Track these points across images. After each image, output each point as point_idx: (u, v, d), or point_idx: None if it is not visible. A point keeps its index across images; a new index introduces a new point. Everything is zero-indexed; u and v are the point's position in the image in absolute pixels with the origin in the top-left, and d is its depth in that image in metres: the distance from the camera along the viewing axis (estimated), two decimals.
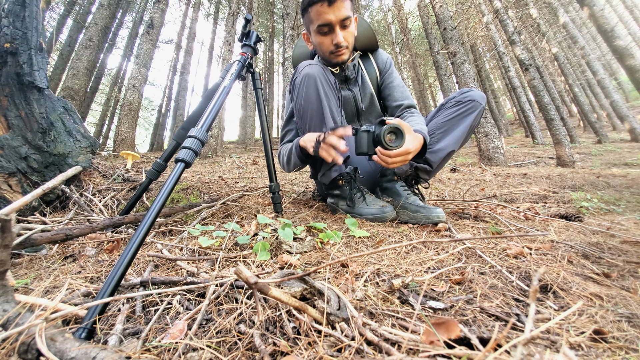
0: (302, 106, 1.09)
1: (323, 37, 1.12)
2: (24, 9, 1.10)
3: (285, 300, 0.37)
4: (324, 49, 1.16)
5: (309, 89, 1.06)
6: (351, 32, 1.14)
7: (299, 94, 1.09)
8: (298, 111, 1.12)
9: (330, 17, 1.05)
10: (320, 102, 1.06)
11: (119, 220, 0.88)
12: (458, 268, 0.63)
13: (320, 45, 1.16)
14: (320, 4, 1.04)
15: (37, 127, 1.11)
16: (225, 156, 5.65)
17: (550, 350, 0.30)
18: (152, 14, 6.49)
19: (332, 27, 1.08)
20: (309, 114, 1.08)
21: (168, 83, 15.12)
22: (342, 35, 1.10)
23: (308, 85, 1.06)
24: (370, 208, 1.08)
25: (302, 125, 1.13)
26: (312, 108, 1.07)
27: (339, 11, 1.05)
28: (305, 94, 1.07)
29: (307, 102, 1.07)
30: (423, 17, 8.30)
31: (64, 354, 0.32)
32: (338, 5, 1.04)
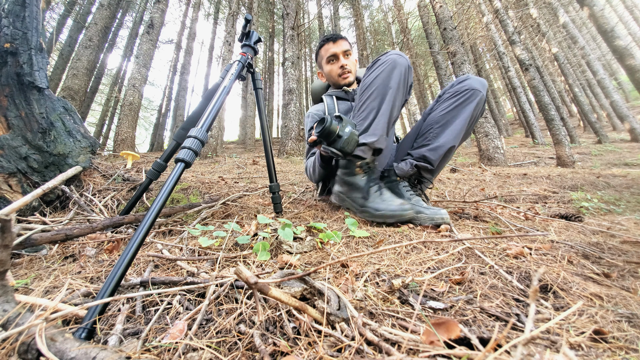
0: (372, 83, 1.11)
1: (332, 65, 1.48)
2: (24, 9, 1.10)
3: (285, 300, 0.37)
4: (333, 74, 1.49)
5: (391, 73, 1.08)
6: (352, 61, 1.50)
7: (377, 73, 1.10)
8: (367, 85, 1.12)
9: (335, 50, 1.45)
10: (388, 90, 1.08)
11: (119, 220, 0.88)
12: (458, 268, 0.63)
13: (330, 72, 1.50)
14: (327, 43, 1.47)
15: (37, 127, 1.11)
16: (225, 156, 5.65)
17: (550, 350, 0.30)
18: (152, 14, 6.49)
19: (337, 56, 1.46)
20: (374, 94, 1.09)
21: (168, 83, 15.12)
22: (346, 61, 1.46)
23: (392, 69, 1.09)
24: (388, 204, 1.00)
25: (361, 100, 1.13)
26: (379, 90, 1.10)
27: (341, 46, 1.45)
28: (383, 75, 1.09)
29: (380, 82, 1.09)
30: (423, 17, 8.30)
31: (64, 354, 0.32)
32: (340, 42, 1.46)
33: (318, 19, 14.17)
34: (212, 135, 5.96)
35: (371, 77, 1.10)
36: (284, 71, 6.04)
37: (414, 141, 1.30)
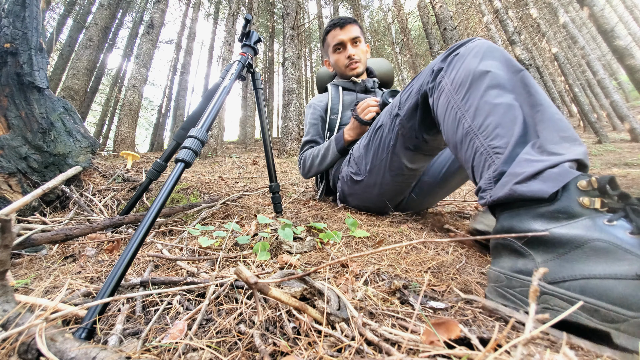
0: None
1: (338, 54, 1.35)
2: (24, 9, 1.10)
3: (285, 301, 0.37)
4: (340, 64, 1.36)
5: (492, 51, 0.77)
6: (362, 49, 1.35)
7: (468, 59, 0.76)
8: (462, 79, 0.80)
9: (342, 37, 1.31)
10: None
11: (119, 220, 0.88)
12: (459, 268, 0.63)
13: (337, 62, 1.37)
14: (334, 29, 1.33)
15: (37, 127, 1.11)
16: (225, 156, 5.66)
17: (550, 350, 0.30)
18: (152, 14, 6.49)
19: (345, 45, 1.33)
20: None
21: (168, 83, 15.12)
22: (354, 50, 1.32)
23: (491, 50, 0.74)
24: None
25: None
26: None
27: (349, 32, 1.31)
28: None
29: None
30: (423, 17, 8.30)
31: (64, 354, 0.32)
32: (348, 28, 1.31)
33: (318, 19, 14.17)
34: (212, 135, 5.96)
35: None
36: (284, 71, 6.04)
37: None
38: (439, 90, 0.68)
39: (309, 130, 1.41)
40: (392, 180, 0.99)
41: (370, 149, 1.00)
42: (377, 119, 1.00)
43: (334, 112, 1.38)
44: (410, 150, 0.89)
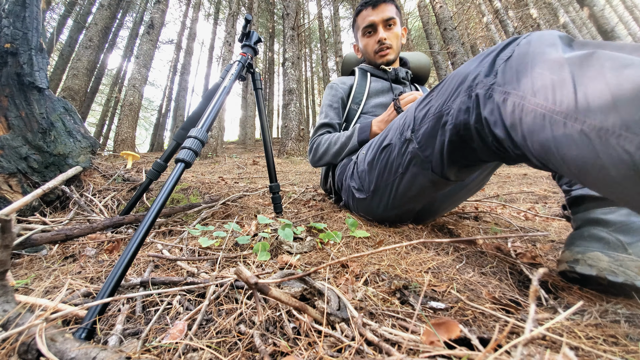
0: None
1: (368, 38, 1.19)
2: (25, 10, 1.10)
3: (285, 301, 0.37)
4: (369, 50, 1.21)
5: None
6: (395, 33, 1.18)
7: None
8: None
9: (373, 18, 1.15)
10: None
11: (119, 220, 0.88)
12: (459, 268, 0.63)
13: (365, 47, 1.22)
14: (365, 8, 1.16)
15: (37, 128, 1.11)
16: (226, 156, 5.66)
17: (550, 350, 0.30)
18: (152, 14, 6.49)
19: (376, 27, 1.16)
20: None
21: (168, 83, 15.13)
22: (386, 34, 1.16)
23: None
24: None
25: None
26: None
27: (382, 12, 1.14)
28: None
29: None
30: (423, 18, 8.30)
31: (64, 354, 0.32)
32: (382, 8, 1.14)
33: (318, 19, 14.18)
34: (212, 136, 5.96)
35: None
36: (284, 71, 6.05)
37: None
38: (510, 114, 0.46)
39: (327, 113, 1.23)
40: (399, 204, 0.86)
41: (375, 168, 0.86)
42: (383, 132, 0.87)
43: (356, 101, 1.23)
44: (424, 184, 0.75)
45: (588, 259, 0.54)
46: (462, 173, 0.69)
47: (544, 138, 0.41)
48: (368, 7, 1.15)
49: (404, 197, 0.82)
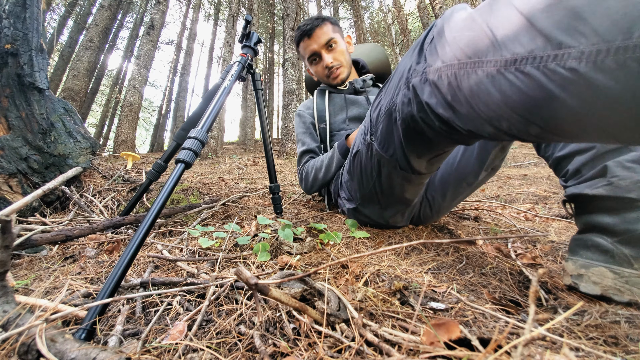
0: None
1: (316, 65, 1.21)
2: (25, 10, 1.11)
3: (285, 301, 0.37)
4: (321, 75, 1.23)
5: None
6: (340, 50, 1.18)
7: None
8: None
9: (313, 46, 1.16)
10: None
11: (119, 221, 0.88)
12: (459, 269, 0.63)
13: (317, 74, 1.24)
14: (303, 40, 1.17)
15: (37, 128, 1.11)
16: (226, 157, 5.66)
17: (550, 351, 0.30)
18: (152, 15, 6.50)
19: (319, 54, 1.17)
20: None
21: (168, 84, 15.15)
22: (331, 56, 1.17)
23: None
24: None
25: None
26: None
27: (319, 38, 1.14)
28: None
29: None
30: (423, 18, 8.31)
31: (64, 354, 0.32)
32: (317, 34, 1.14)
33: None
34: (212, 136, 5.96)
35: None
36: (284, 72, 6.05)
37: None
38: (439, 82, 0.46)
39: (303, 140, 1.27)
40: (390, 204, 0.84)
41: (354, 176, 0.86)
42: (353, 141, 0.86)
43: (322, 121, 1.26)
44: (401, 182, 0.74)
45: (592, 275, 0.52)
46: (432, 164, 0.68)
47: (487, 96, 0.40)
48: (304, 37, 1.16)
49: (390, 197, 0.81)
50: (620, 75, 0.29)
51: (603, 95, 0.31)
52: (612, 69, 0.29)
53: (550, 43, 0.33)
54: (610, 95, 0.30)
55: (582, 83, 0.31)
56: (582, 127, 0.35)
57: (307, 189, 1.25)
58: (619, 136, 0.35)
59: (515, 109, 0.38)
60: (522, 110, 0.37)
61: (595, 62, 0.30)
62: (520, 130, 0.40)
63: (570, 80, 0.32)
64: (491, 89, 0.39)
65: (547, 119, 0.36)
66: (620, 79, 0.29)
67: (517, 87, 0.36)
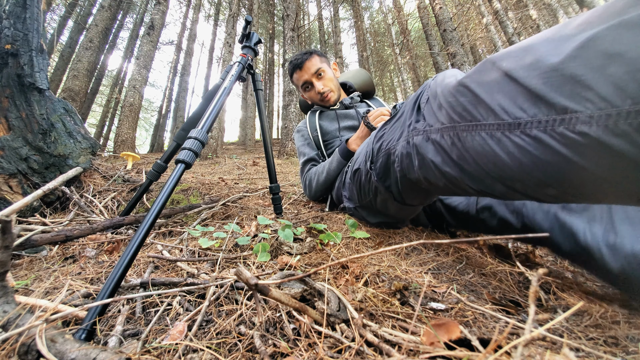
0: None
1: (309, 92, 1.38)
2: (25, 11, 1.11)
3: (285, 302, 0.37)
4: (315, 100, 1.40)
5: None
6: (329, 77, 1.36)
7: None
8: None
9: (305, 77, 1.33)
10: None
11: (119, 221, 0.88)
12: (459, 269, 0.63)
13: (311, 99, 1.41)
14: (295, 72, 1.36)
15: (37, 129, 1.11)
16: (226, 157, 5.66)
17: (550, 351, 0.30)
18: (152, 15, 6.51)
19: (311, 82, 1.34)
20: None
21: (168, 84, 15.15)
22: (321, 83, 1.34)
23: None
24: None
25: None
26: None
27: (309, 69, 1.32)
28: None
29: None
30: (423, 19, 8.32)
31: (64, 355, 0.32)
32: (307, 66, 1.32)
33: (318, 20, 14.21)
34: (212, 137, 5.96)
35: None
36: (284, 72, 6.05)
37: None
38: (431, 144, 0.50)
39: (303, 151, 1.41)
40: (385, 215, 0.88)
41: (354, 185, 0.91)
42: (356, 154, 0.92)
43: (314, 130, 1.42)
44: (395, 207, 0.78)
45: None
46: (427, 200, 0.71)
47: (494, 157, 0.40)
48: (296, 69, 1.34)
49: (386, 212, 0.85)
50: (638, 139, 0.29)
51: (622, 158, 0.30)
52: (627, 132, 0.29)
53: (553, 108, 0.33)
54: (631, 159, 0.30)
55: (598, 147, 0.31)
56: (603, 190, 0.35)
57: (311, 195, 1.36)
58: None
59: (528, 172, 0.38)
60: (536, 172, 0.37)
61: (607, 125, 0.30)
62: (536, 192, 0.40)
63: (583, 144, 0.32)
64: (498, 151, 0.40)
65: (565, 181, 0.36)
66: (638, 142, 0.29)
67: (527, 151, 0.37)
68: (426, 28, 8.18)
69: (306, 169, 1.37)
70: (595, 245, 0.49)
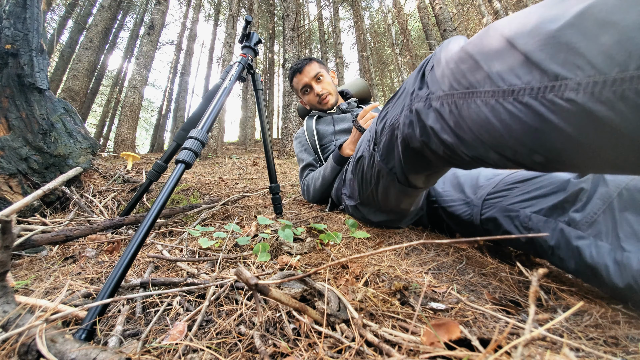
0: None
1: (308, 95, 1.43)
2: (25, 11, 1.11)
3: (285, 302, 0.37)
4: (313, 103, 1.44)
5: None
6: (327, 82, 1.42)
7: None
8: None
9: (304, 80, 1.39)
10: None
11: (119, 221, 0.88)
12: (459, 269, 0.63)
13: (310, 102, 1.46)
14: (295, 76, 1.42)
15: (37, 129, 1.11)
16: (226, 157, 5.66)
17: (550, 351, 0.30)
18: (152, 15, 6.50)
19: (310, 86, 1.39)
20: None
21: (168, 84, 15.15)
22: (320, 86, 1.39)
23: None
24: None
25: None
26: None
27: (309, 73, 1.38)
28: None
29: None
30: (423, 19, 8.32)
31: (64, 355, 0.32)
32: (307, 70, 1.38)
33: (318, 20, 14.20)
34: (212, 137, 5.96)
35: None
36: (284, 72, 6.05)
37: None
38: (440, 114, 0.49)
39: (301, 157, 1.45)
40: (387, 210, 0.87)
41: (355, 178, 0.90)
42: (358, 144, 0.90)
43: (312, 134, 1.44)
44: (397, 194, 0.77)
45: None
46: (429, 180, 0.71)
47: (489, 125, 0.41)
48: (296, 73, 1.40)
49: (387, 205, 0.84)
50: (620, 107, 0.30)
51: (604, 126, 0.31)
52: (610, 100, 0.30)
53: (546, 75, 0.34)
54: (612, 126, 0.31)
55: (582, 114, 0.32)
56: (586, 157, 0.36)
57: (309, 200, 1.39)
58: (624, 167, 0.35)
59: (517, 138, 0.39)
60: (525, 138, 0.38)
61: (593, 93, 0.31)
62: (525, 159, 0.41)
63: (570, 110, 0.33)
64: (491, 118, 0.41)
65: (550, 148, 0.37)
66: (620, 110, 0.30)
67: (517, 117, 0.38)
68: (426, 28, 8.17)
69: (304, 174, 1.41)
70: (601, 263, 0.49)
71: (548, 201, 0.61)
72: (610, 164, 0.35)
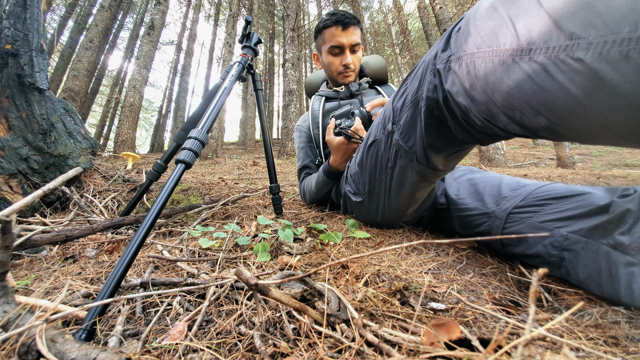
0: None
1: (334, 57, 1.22)
2: (25, 11, 1.11)
3: (285, 302, 0.37)
4: (333, 69, 1.24)
5: None
6: (359, 57, 1.24)
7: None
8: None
9: (342, 40, 1.15)
10: None
11: (119, 221, 0.88)
12: (459, 269, 0.63)
13: (330, 65, 1.24)
14: (335, 27, 1.15)
15: (37, 129, 1.12)
16: (226, 157, 5.66)
17: (550, 351, 0.30)
18: (152, 15, 6.51)
19: (343, 50, 1.18)
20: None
21: (168, 84, 15.16)
22: (352, 58, 1.20)
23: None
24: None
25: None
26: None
27: (351, 36, 1.15)
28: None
29: None
30: (423, 19, 8.32)
31: (64, 355, 0.32)
32: (351, 31, 1.15)
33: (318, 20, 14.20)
34: (213, 137, 5.97)
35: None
36: (284, 72, 6.06)
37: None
38: (464, 71, 0.46)
39: (299, 156, 1.38)
40: (396, 205, 0.83)
41: (366, 168, 0.84)
42: (368, 132, 0.85)
43: (316, 126, 1.32)
44: (414, 178, 0.71)
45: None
46: (449, 161, 0.68)
47: (501, 85, 0.41)
48: (338, 26, 1.15)
49: (399, 196, 0.79)
50: (623, 67, 0.30)
51: (605, 86, 0.32)
52: (616, 59, 0.30)
53: (564, 34, 0.34)
54: (612, 86, 0.31)
55: (587, 74, 0.33)
56: (586, 121, 0.36)
57: (307, 203, 1.37)
58: (622, 135, 0.35)
59: (525, 99, 0.39)
60: (533, 99, 0.39)
61: (601, 52, 0.31)
62: (531, 121, 0.41)
63: (577, 70, 0.33)
64: (505, 78, 0.40)
65: (553, 109, 0.37)
66: (623, 70, 0.30)
67: (529, 76, 0.38)
68: (426, 28, 8.17)
69: (301, 177, 1.36)
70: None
71: (588, 222, 0.54)
72: (609, 130, 0.36)
